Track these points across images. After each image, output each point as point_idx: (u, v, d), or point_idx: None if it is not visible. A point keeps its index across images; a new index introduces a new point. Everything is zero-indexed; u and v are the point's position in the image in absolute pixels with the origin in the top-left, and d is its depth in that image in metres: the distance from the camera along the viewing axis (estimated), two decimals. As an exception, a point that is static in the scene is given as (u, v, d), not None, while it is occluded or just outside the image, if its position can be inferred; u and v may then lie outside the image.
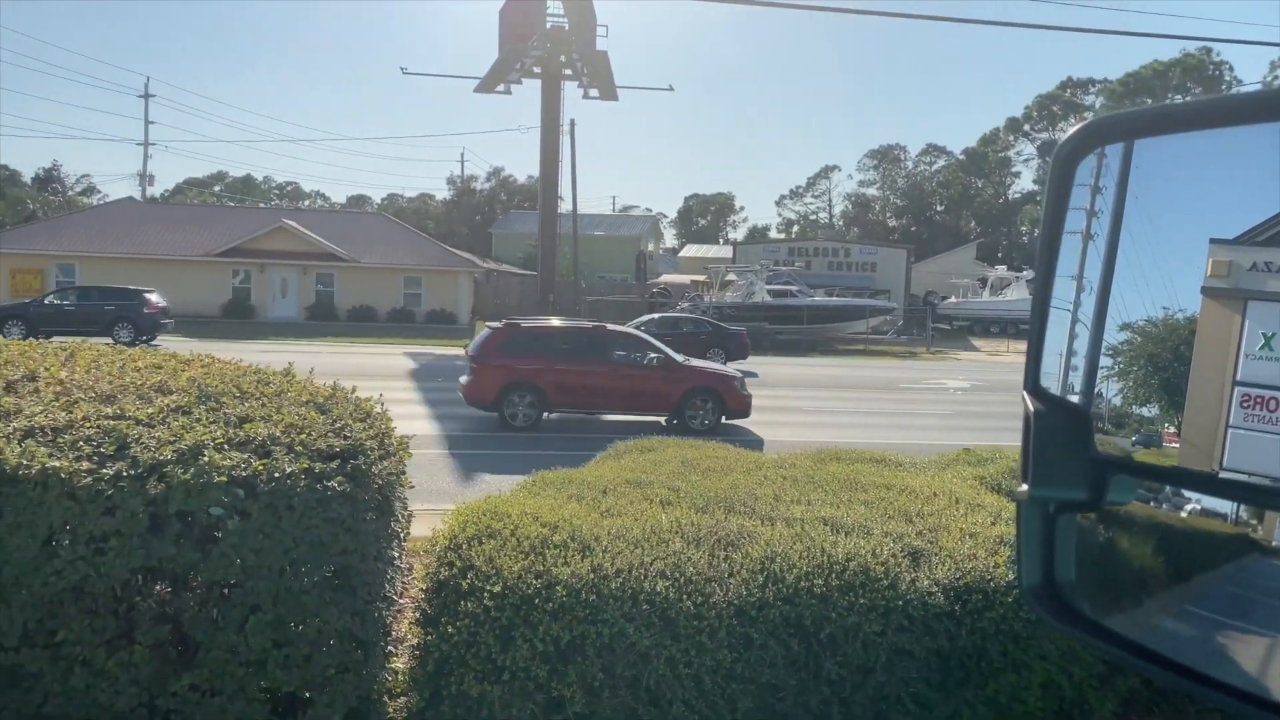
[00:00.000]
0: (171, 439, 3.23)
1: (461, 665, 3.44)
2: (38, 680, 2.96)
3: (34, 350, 4.94)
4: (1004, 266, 56.13)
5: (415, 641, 4.00)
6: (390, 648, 3.66)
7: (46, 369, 4.18)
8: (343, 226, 48.35)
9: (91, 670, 2.96)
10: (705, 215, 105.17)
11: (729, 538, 3.99)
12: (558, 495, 4.70)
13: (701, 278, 44.10)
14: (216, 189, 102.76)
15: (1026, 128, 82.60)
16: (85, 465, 3.02)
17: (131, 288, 30.45)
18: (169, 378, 4.21)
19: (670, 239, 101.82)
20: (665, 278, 54.68)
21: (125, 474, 3.03)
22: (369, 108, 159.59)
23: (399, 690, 3.76)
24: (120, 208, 51.49)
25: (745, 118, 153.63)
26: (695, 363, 15.33)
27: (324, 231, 45.41)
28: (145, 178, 73.47)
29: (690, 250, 71.39)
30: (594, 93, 40.32)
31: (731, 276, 40.58)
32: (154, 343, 26.26)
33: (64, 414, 3.41)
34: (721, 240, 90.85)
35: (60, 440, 3.18)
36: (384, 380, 20.32)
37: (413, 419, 14.51)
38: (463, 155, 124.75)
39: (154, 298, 30.03)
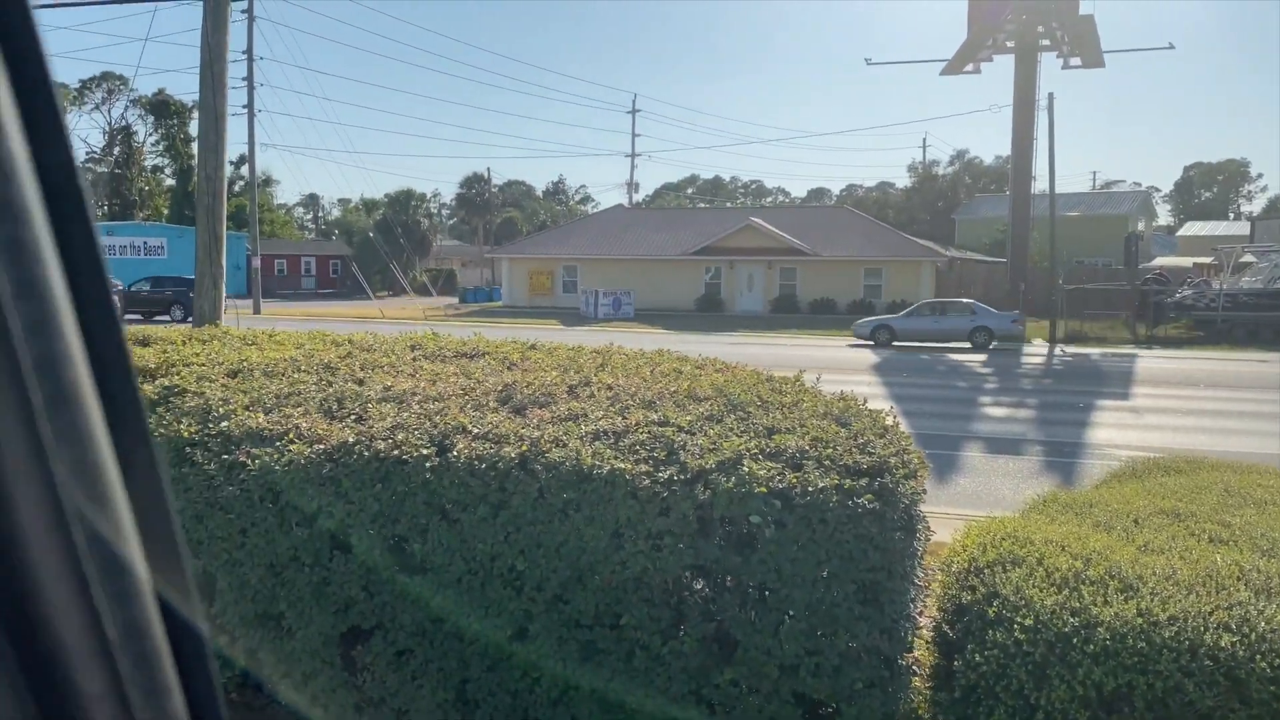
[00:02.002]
0: (711, 447, 3.49)
1: (990, 697, 3.29)
2: (605, 657, 3.37)
3: (579, 355, 5.65)
4: None
5: (930, 663, 3.93)
6: (913, 667, 3.62)
7: (595, 375, 4.75)
8: (805, 221, 49.62)
9: (649, 654, 3.31)
10: (1210, 187, 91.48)
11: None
12: (1079, 522, 4.32)
13: (1207, 260, 38.39)
14: (689, 191, 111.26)
15: None
16: (644, 468, 3.37)
17: (188, 277, 36.57)
18: (693, 384, 4.56)
19: (1164, 216, 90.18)
20: (1160, 261, 48.53)
21: (676, 479, 3.32)
22: (830, 102, 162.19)
23: (920, 712, 3.71)
24: (612, 214, 57.88)
25: (1261, 71, 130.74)
26: None
27: (787, 227, 46.98)
28: (631, 186, 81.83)
29: (1191, 228, 62.57)
30: (1075, 61, 36.92)
31: (1249, 258, 34.78)
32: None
33: (620, 419, 3.84)
34: (1231, 215, 78.37)
35: (621, 444, 3.58)
36: (847, 374, 20.50)
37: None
38: (924, 141, 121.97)
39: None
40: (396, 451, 3.58)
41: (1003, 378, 21.99)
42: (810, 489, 3.21)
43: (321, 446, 3.72)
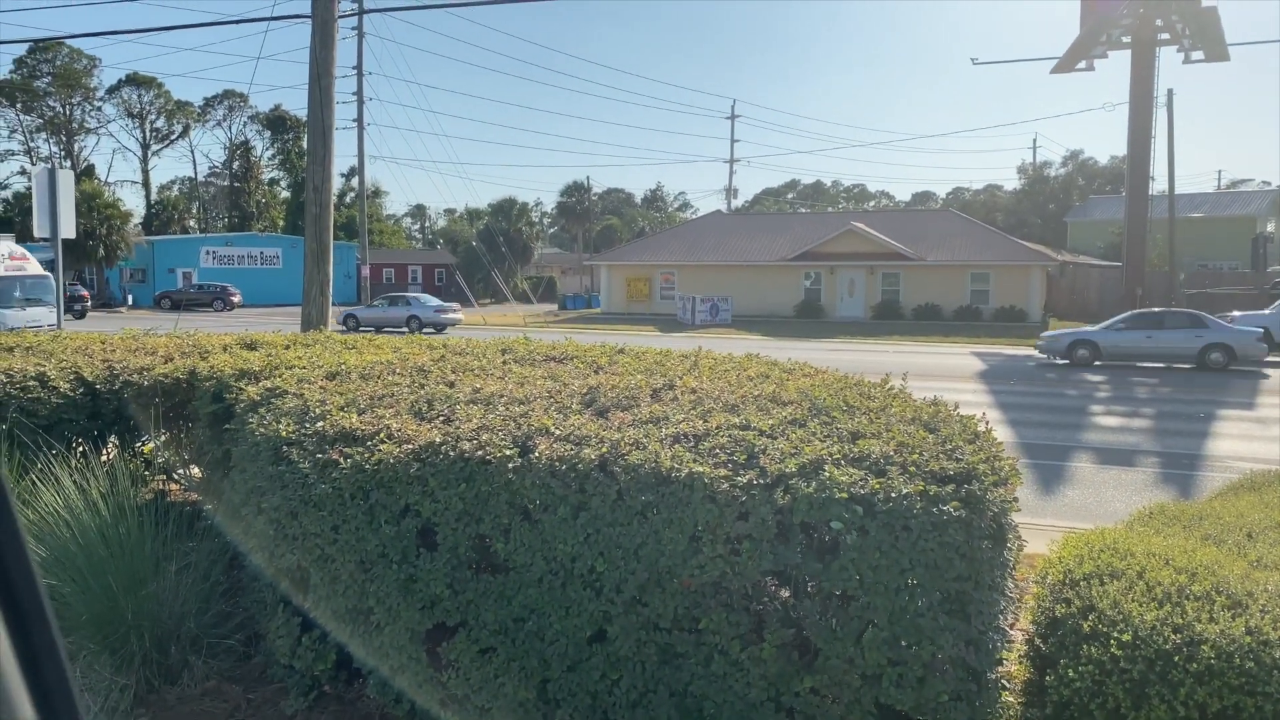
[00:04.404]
0: (792, 451, 3.44)
1: (1085, 715, 3.15)
2: (684, 661, 3.36)
3: (667, 359, 5.65)
4: None
5: (1023, 678, 3.79)
6: (1003, 681, 3.50)
7: (680, 378, 4.74)
8: (908, 225, 48.60)
9: (728, 660, 3.27)
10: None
11: None
12: (1187, 535, 4.11)
13: (1343, 262, 36.09)
14: (789, 196, 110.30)
15: None
16: (723, 472, 3.34)
17: (219, 284, 55.70)
18: (779, 388, 4.51)
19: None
20: (1290, 263, 45.81)
21: (756, 483, 3.28)
22: (935, 104, 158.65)
23: (1010, 728, 3.58)
24: (709, 220, 57.78)
25: None
26: None
27: (890, 231, 46.10)
28: (730, 191, 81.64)
29: (1326, 229, 58.75)
30: (1197, 55, 35.19)
31: (1389, 259, 32.54)
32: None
33: (701, 422, 3.82)
34: (1371, 214, 73.38)
35: (700, 447, 3.56)
36: (952, 381, 19.98)
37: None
38: (1034, 141, 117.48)
39: (230, 288, 54.94)
40: (480, 452, 3.65)
41: (1116, 386, 21.08)
42: (893, 495, 3.13)
43: (410, 446, 3.81)
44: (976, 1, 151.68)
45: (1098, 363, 24.12)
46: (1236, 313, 29.67)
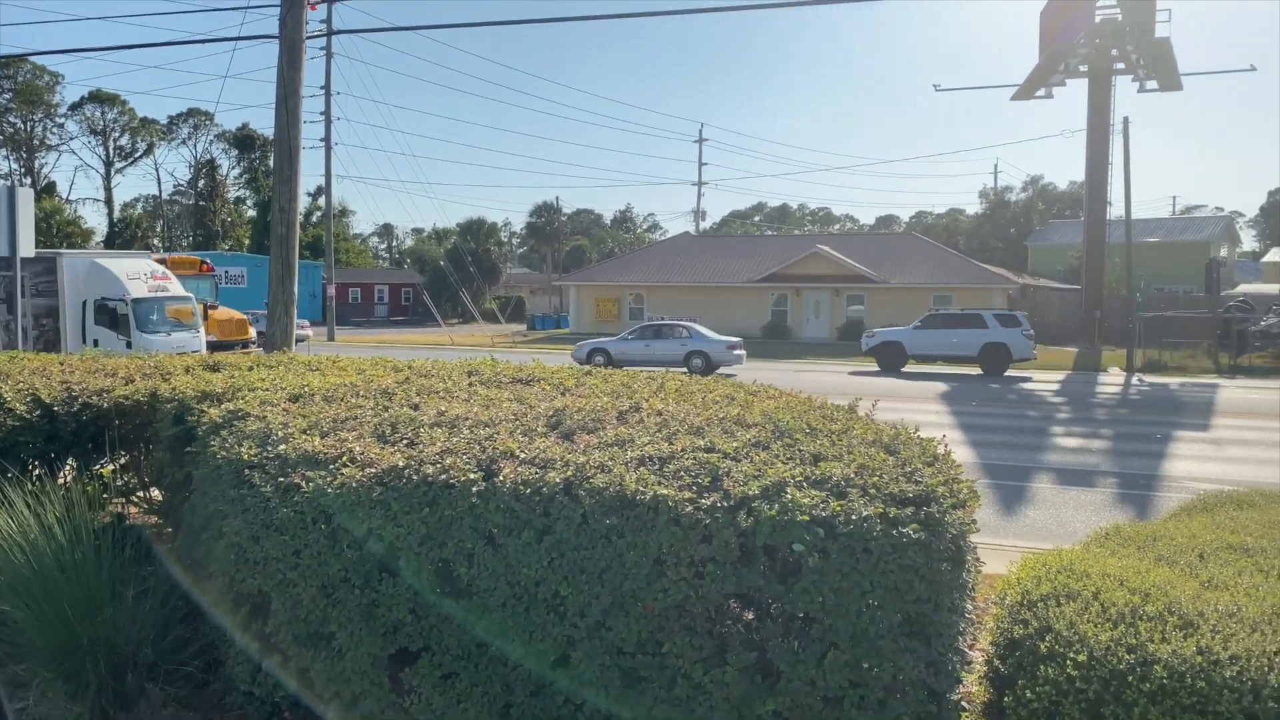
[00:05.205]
0: (756, 474, 3.47)
1: (1042, 736, 3.19)
2: (647, 685, 3.36)
3: (634, 381, 5.68)
4: None
5: (983, 699, 3.83)
6: (963, 703, 3.53)
7: (647, 400, 4.77)
8: (872, 248, 49.20)
9: (691, 683, 3.28)
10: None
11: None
12: (1141, 556, 4.18)
13: (1294, 287, 36.98)
14: (756, 219, 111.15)
15: None
16: (687, 495, 3.37)
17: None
18: (744, 410, 4.55)
19: (1249, 242, 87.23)
20: (1244, 287, 46.84)
21: (719, 505, 3.31)
22: (899, 129, 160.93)
23: (969, 748, 3.62)
24: (678, 242, 58.10)
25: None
26: None
27: (854, 254, 46.62)
28: (698, 213, 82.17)
29: (1278, 253, 60.20)
30: (1151, 85, 36.09)
31: (1339, 284, 33.42)
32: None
33: (666, 445, 3.85)
34: (1321, 240, 75.38)
35: (665, 470, 3.59)
36: (915, 402, 20.19)
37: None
38: (996, 166, 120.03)
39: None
40: (444, 476, 3.64)
41: (1077, 407, 21.41)
42: (854, 517, 3.17)
43: (373, 470, 3.79)
44: (941, 30, 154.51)
45: (611, 367, 27.35)
46: (877, 329, 31.99)
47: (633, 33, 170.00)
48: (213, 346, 23.63)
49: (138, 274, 22.93)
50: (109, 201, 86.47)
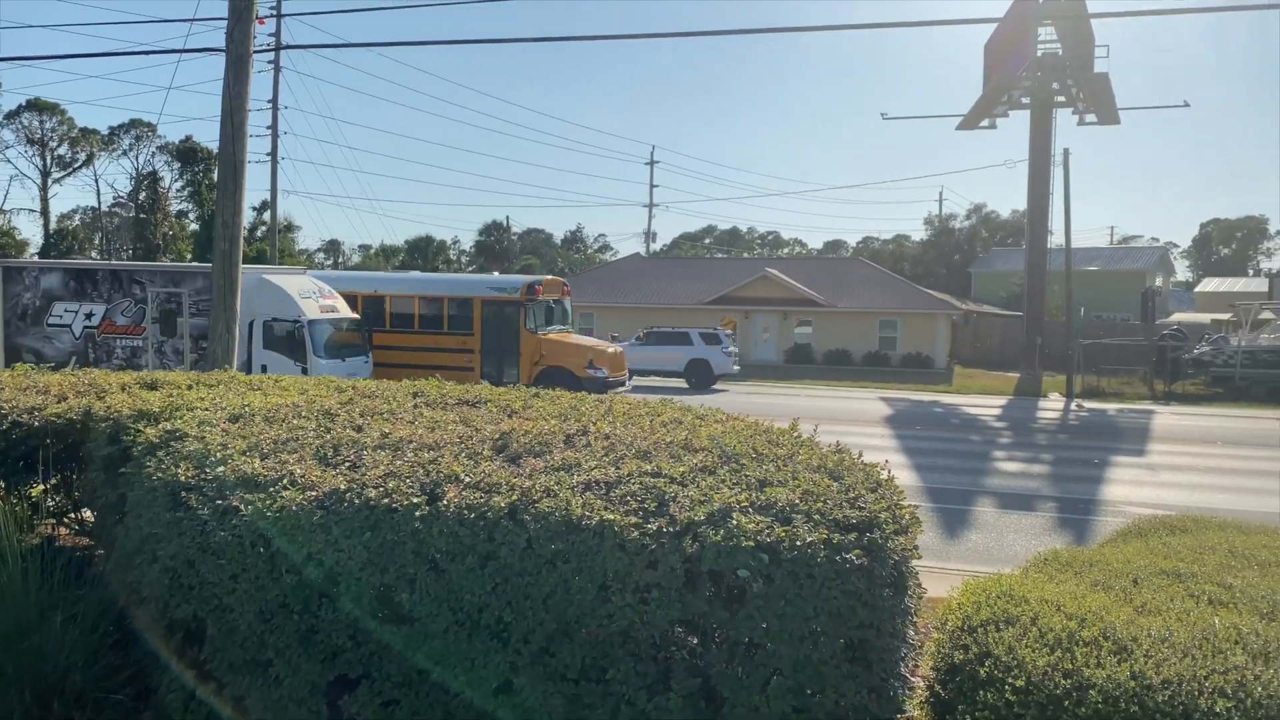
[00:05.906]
0: (702, 499, 3.48)
1: (981, 761, 3.23)
2: (591, 712, 3.33)
3: (582, 403, 5.66)
4: None
5: (925, 723, 3.86)
6: (904, 729, 3.56)
7: (594, 424, 4.75)
8: (820, 272, 49.76)
9: (635, 710, 3.27)
10: (1229, 243, 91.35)
11: (1311, 656, 3.30)
12: (1078, 581, 4.27)
13: (1226, 316, 38.19)
14: (707, 241, 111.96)
15: None
16: (633, 520, 3.36)
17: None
18: (691, 435, 4.56)
19: (1182, 272, 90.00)
20: (1178, 316, 48.28)
21: (665, 531, 3.31)
22: (848, 156, 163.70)
23: (911, 774, 3.64)
24: (629, 263, 58.26)
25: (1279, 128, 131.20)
26: None
27: (803, 278, 47.12)
28: (649, 235, 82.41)
29: (1210, 284, 62.16)
30: (1090, 118, 37.18)
31: (1268, 314, 34.58)
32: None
33: (613, 469, 3.84)
34: (1251, 272, 78.16)
35: (612, 495, 3.58)
36: (860, 425, 20.42)
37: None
38: (941, 194, 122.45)
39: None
40: (387, 500, 3.59)
41: (1018, 432, 21.83)
42: (798, 543, 3.19)
43: (314, 493, 3.73)
44: (889, 59, 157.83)
45: None
46: (615, 334, 32.32)
47: (585, 54, 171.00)
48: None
49: (309, 292, 20.69)
50: (45, 212, 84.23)
